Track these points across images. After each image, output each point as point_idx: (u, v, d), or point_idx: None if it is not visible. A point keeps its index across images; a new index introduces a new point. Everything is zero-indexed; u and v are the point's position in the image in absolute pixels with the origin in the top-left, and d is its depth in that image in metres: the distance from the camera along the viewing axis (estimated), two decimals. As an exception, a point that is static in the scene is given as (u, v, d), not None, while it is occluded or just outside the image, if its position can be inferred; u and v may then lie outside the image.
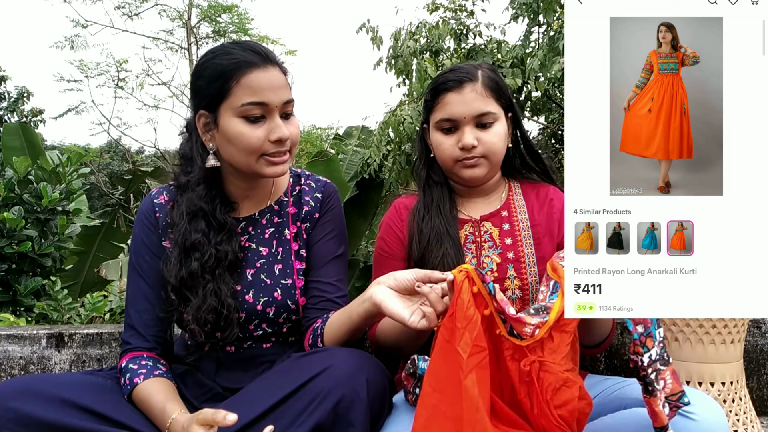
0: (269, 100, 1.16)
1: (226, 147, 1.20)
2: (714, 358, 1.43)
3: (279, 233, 1.30)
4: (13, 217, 2.67)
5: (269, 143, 1.17)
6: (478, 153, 1.29)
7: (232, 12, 10.98)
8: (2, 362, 1.75)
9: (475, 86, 1.28)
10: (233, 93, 1.15)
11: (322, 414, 0.99)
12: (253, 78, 1.15)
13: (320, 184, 1.36)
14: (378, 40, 4.08)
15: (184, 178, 1.24)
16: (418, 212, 1.35)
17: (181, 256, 1.20)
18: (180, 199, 1.24)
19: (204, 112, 1.20)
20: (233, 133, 1.16)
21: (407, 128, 3.25)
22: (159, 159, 10.61)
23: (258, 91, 1.15)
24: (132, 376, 1.18)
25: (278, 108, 1.17)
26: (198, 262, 1.18)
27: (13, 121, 12.43)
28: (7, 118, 12.91)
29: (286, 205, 1.32)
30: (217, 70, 1.16)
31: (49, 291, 2.72)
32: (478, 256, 1.32)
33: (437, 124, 1.32)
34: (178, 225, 1.21)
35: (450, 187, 1.38)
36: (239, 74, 1.15)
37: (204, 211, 1.21)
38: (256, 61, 1.16)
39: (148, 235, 1.28)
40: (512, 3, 3.97)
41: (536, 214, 1.36)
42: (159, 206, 1.29)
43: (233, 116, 1.16)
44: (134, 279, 1.27)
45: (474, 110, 1.28)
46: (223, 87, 1.16)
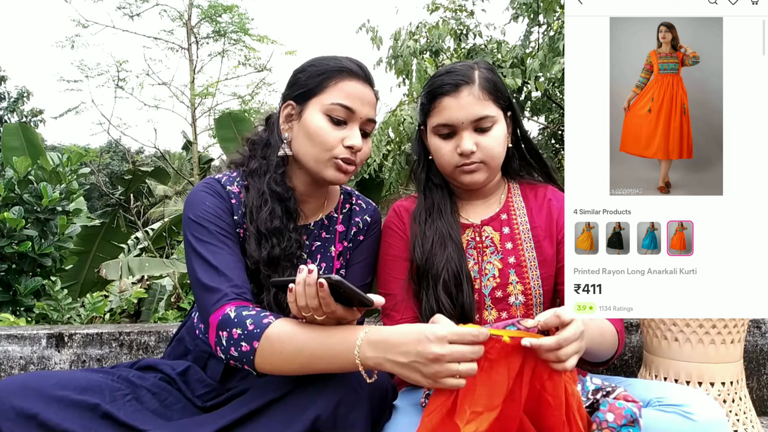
0: (357, 108, 1.21)
1: (301, 140, 1.23)
2: (714, 358, 1.43)
3: (325, 249, 1.31)
4: (13, 217, 2.67)
5: (342, 147, 1.21)
6: (477, 158, 1.26)
7: (232, 12, 10.97)
8: (2, 362, 1.75)
9: (472, 89, 1.25)
10: (328, 91, 1.21)
11: (321, 409, 0.99)
12: (350, 85, 1.21)
13: (371, 207, 1.39)
14: (378, 40, 4.08)
15: (257, 163, 1.26)
16: (419, 215, 1.33)
17: (262, 240, 1.20)
18: (253, 182, 1.25)
19: (292, 103, 1.25)
20: (314, 126, 1.20)
21: (407, 128, 3.26)
22: (159, 159, 10.60)
23: (350, 97, 1.21)
24: (255, 320, 1.01)
25: (361, 120, 1.23)
26: (279, 247, 1.21)
27: (13, 121, 12.42)
28: (7, 118, 12.91)
29: (335, 222, 1.34)
30: (321, 68, 1.23)
31: (49, 291, 2.72)
32: (479, 262, 1.30)
33: (434, 129, 1.29)
34: (259, 207, 1.21)
35: (450, 190, 1.37)
36: (340, 77, 1.21)
37: (281, 196, 1.23)
38: (358, 72, 1.23)
39: (224, 212, 1.21)
40: (512, 3, 3.97)
41: (535, 215, 1.34)
42: (234, 195, 1.25)
43: (319, 111, 1.21)
44: (214, 247, 1.15)
45: (472, 115, 1.24)
46: (321, 83, 1.21)
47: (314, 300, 0.96)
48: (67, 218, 2.97)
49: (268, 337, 0.99)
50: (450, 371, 0.89)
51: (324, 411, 0.99)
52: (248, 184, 1.26)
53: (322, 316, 0.98)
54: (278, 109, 1.29)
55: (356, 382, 1.01)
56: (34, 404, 1.02)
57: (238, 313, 1.03)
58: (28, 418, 1.01)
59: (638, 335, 1.84)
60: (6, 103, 13.23)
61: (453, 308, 1.23)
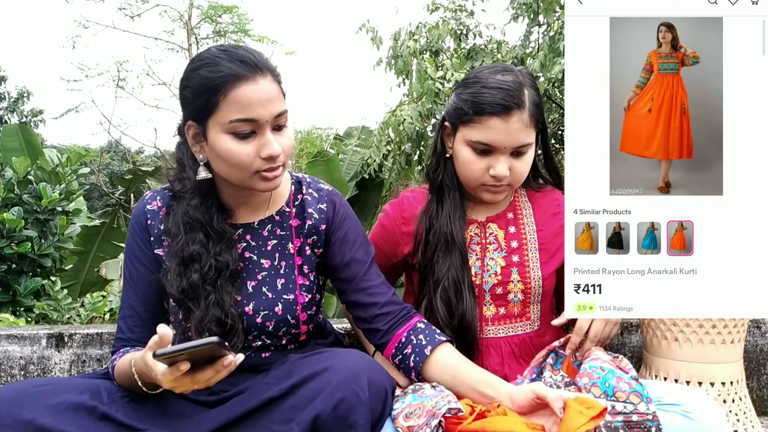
0: (259, 116, 1.08)
1: (216, 162, 1.15)
2: (714, 358, 1.42)
3: (282, 246, 1.26)
4: (12, 218, 2.67)
5: (260, 160, 1.11)
6: (506, 182, 1.23)
7: (232, 12, 10.98)
8: (2, 362, 1.75)
9: (522, 116, 1.18)
10: (220, 108, 1.08)
11: (320, 409, 0.98)
12: (240, 93, 1.07)
13: (323, 193, 1.30)
14: (378, 41, 4.08)
15: (179, 185, 1.21)
16: (428, 217, 1.31)
17: (180, 268, 1.17)
18: (176, 207, 1.20)
19: (192, 123, 1.14)
20: (222, 149, 1.10)
21: (407, 128, 3.26)
22: (159, 159, 10.60)
23: (247, 107, 1.07)
24: (113, 361, 1.18)
25: (269, 122, 1.10)
26: (198, 273, 1.16)
27: (13, 121, 12.43)
28: (7, 118, 12.91)
29: (289, 217, 1.28)
30: (203, 83, 1.09)
31: (49, 291, 2.72)
32: (482, 258, 1.30)
33: (471, 143, 1.23)
34: (176, 236, 1.18)
35: (462, 192, 1.34)
36: (226, 89, 1.07)
37: (201, 222, 1.18)
38: (244, 73, 1.08)
39: (138, 243, 1.26)
40: (512, 3, 3.97)
41: (542, 217, 1.34)
42: (151, 213, 1.26)
43: (221, 132, 1.09)
44: (125, 286, 1.26)
45: (516, 142, 1.20)
46: (210, 101, 1.08)
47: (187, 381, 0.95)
48: (67, 218, 2.97)
49: (115, 376, 1.17)
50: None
51: (324, 411, 0.99)
52: (172, 208, 1.22)
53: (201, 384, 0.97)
54: (182, 128, 1.18)
55: (356, 382, 1.01)
56: (30, 409, 1.02)
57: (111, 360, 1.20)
58: (25, 423, 1.01)
59: (638, 335, 1.84)
60: (6, 103, 13.23)
61: (448, 317, 1.23)
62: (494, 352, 1.28)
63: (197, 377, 0.95)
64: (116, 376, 1.17)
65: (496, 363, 1.27)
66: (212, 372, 0.95)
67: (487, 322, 1.28)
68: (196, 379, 0.95)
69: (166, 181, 1.29)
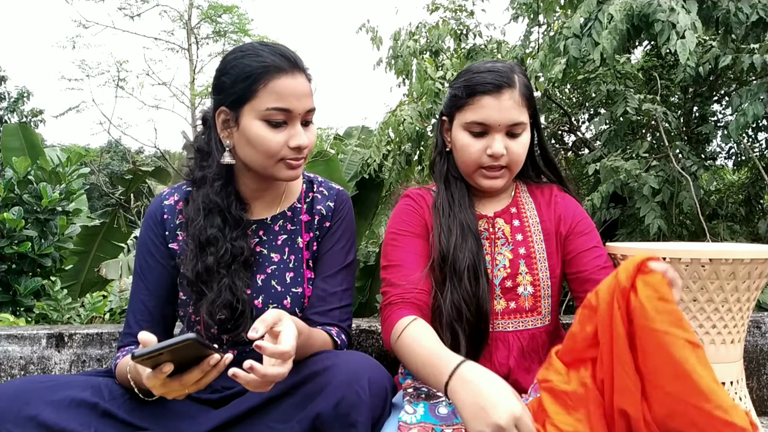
0: (293, 107, 1.15)
1: (244, 147, 1.19)
2: (714, 358, 1.42)
3: (292, 241, 1.29)
4: (12, 218, 2.67)
5: (288, 149, 1.17)
6: (503, 162, 1.27)
7: (232, 12, 10.98)
8: (2, 362, 1.75)
9: (513, 93, 1.25)
10: (259, 96, 1.14)
11: (321, 408, 0.99)
12: (280, 83, 1.15)
13: (333, 192, 1.35)
14: (378, 41, 4.07)
15: (200, 172, 1.24)
16: (442, 208, 1.31)
17: (197, 251, 1.20)
18: (195, 194, 1.24)
19: (225, 109, 1.19)
20: (254, 135, 1.16)
21: (407, 128, 3.25)
22: (159, 159, 10.59)
23: (284, 97, 1.15)
24: (116, 359, 1.20)
25: (300, 116, 1.17)
26: (214, 256, 1.19)
27: (13, 121, 12.43)
28: (7, 118, 12.91)
29: (300, 213, 1.32)
30: (245, 71, 1.15)
31: (49, 291, 2.72)
32: (491, 253, 1.32)
33: (467, 125, 1.28)
34: (194, 220, 1.21)
35: (467, 184, 1.37)
36: (267, 78, 1.14)
37: (220, 207, 1.21)
38: (284, 66, 1.15)
39: (151, 237, 1.28)
40: (512, 3, 3.96)
41: (544, 210, 1.37)
42: (168, 208, 1.29)
43: (255, 118, 1.15)
44: (135, 281, 1.27)
45: (509, 119, 1.25)
46: (249, 89, 1.15)
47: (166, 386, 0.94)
48: (67, 218, 2.96)
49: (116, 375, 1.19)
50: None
51: (325, 409, 0.99)
52: (191, 195, 1.25)
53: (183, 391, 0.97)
54: (212, 114, 1.23)
55: (357, 381, 1.01)
56: (33, 405, 1.03)
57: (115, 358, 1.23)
58: (28, 419, 1.01)
59: (638, 335, 1.84)
60: (6, 103, 13.22)
61: (466, 304, 1.23)
62: (502, 345, 1.29)
63: (185, 380, 0.94)
64: (117, 375, 1.17)
65: (503, 357, 1.29)
66: (199, 373, 0.94)
67: (497, 315, 1.30)
68: (184, 381, 0.94)
69: (166, 181, 1.30)
